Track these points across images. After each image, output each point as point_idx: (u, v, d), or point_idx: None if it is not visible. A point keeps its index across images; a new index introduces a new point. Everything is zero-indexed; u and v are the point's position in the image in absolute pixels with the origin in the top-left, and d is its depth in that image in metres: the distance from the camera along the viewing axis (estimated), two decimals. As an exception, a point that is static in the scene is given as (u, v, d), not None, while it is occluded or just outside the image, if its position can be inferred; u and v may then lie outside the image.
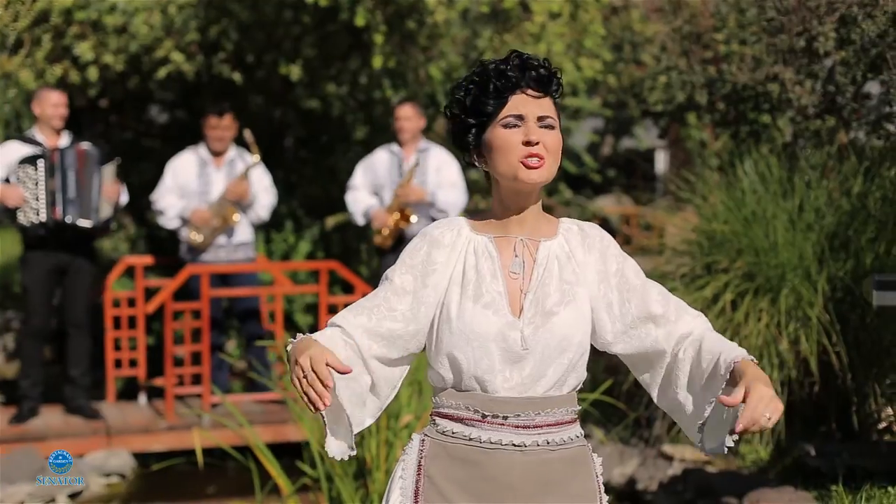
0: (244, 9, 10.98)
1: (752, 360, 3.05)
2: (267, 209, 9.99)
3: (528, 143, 3.08)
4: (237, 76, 11.29)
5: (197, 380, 9.77)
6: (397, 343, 3.19)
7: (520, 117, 3.11)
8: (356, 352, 3.17)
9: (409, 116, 9.76)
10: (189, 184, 9.81)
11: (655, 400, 3.29)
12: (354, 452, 3.21)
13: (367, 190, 9.87)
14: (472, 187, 12.59)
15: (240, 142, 10.13)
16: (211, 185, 9.81)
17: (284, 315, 10.45)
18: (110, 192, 9.19)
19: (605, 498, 3.27)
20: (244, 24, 11.21)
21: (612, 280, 3.21)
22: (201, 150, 9.91)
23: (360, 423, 3.20)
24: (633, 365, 3.33)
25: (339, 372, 2.97)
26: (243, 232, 9.92)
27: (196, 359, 9.77)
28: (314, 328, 9.64)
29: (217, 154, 9.87)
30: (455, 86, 3.25)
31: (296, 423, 8.13)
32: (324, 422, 3.13)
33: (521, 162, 3.09)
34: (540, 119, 3.11)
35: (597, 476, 3.25)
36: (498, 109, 3.12)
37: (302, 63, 11.57)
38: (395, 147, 9.85)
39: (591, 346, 3.27)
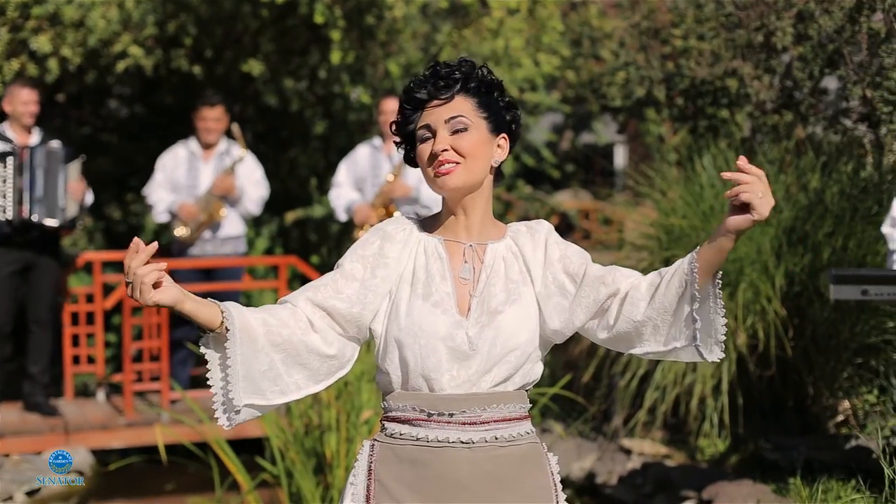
0: (203, 3, 10.93)
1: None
2: (256, 203, 9.93)
3: (432, 155, 3.13)
4: (197, 70, 11.25)
5: (157, 376, 9.74)
6: (338, 321, 3.18)
7: (428, 127, 3.16)
8: (295, 314, 3.17)
9: (394, 110, 9.77)
10: (178, 178, 9.78)
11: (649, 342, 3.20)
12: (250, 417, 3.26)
13: (350, 186, 9.85)
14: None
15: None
16: (199, 178, 9.77)
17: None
18: (76, 190, 9.13)
19: (563, 496, 3.27)
20: (203, 18, 11.17)
21: (558, 265, 3.21)
22: (191, 144, 9.88)
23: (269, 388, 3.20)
24: (614, 330, 3.22)
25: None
26: (232, 226, 9.87)
27: (157, 355, 9.72)
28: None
29: (207, 147, 9.83)
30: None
31: (256, 419, 8.11)
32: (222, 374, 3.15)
33: (433, 173, 3.14)
34: (448, 123, 3.14)
35: (552, 473, 3.25)
36: (416, 125, 3.20)
37: (261, 58, 11.53)
38: (376, 141, 9.84)
39: (570, 338, 3.28)
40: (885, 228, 6.66)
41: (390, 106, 9.68)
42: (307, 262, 11.10)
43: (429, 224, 3.28)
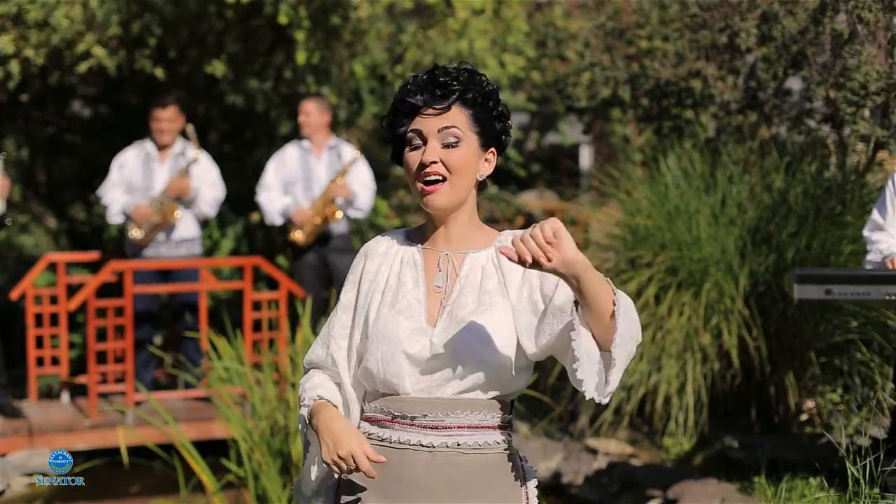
0: (167, 3, 10.89)
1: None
2: (211, 204, 9.89)
3: (421, 165, 3.09)
4: (159, 72, 11.20)
5: (122, 377, 9.69)
6: (351, 356, 3.26)
7: (419, 134, 3.11)
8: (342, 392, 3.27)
9: (311, 111, 9.76)
10: (133, 179, 9.73)
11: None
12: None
13: (279, 188, 9.83)
14: (398, 182, 12.61)
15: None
16: (154, 179, 9.72)
17: (209, 311, 10.38)
18: (2, 187, 9.03)
19: None
20: (167, 18, 11.12)
21: (535, 281, 3.15)
22: (147, 145, 9.83)
23: None
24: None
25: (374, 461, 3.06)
26: (186, 228, 9.82)
27: (122, 356, 9.68)
28: (238, 324, 9.60)
29: (162, 148, 9.78)
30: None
31: (221, 420, 8.09)
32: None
33: (421, 186, 3.11)
34: (442, 134, 3.10)
35: (526, 488, 3.22)
36: (406, 130, 3.14)
37: (226, 58, 11.50)
38: (304, 142, 9.83)
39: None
40: (865, 232, 6.69)
41: (308, 107, 9.69)
42: (272, 262, 11.07)
43: (413, 234, 3.28)
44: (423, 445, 3.11)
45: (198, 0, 10.97)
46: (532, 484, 3.23)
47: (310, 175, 9.70)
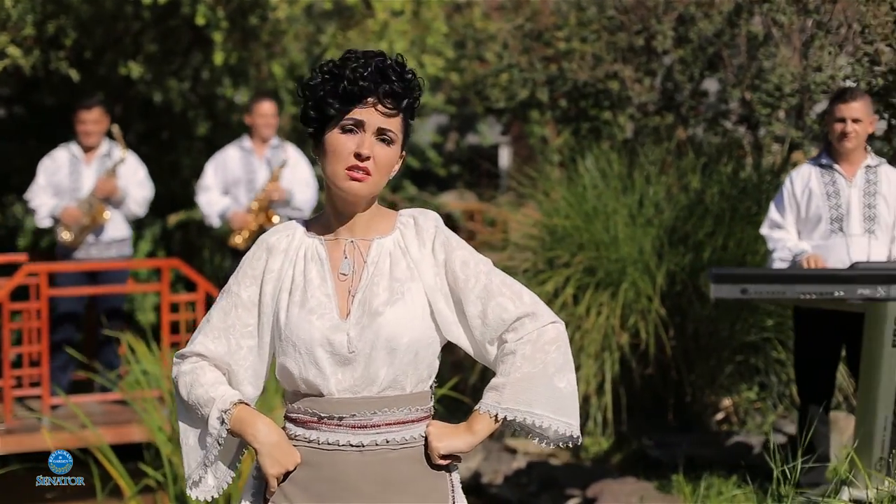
0: (83, 3, 10.78)
1: (488, 413, 3.11)
2: (140, 204, 9.78)
3: (357, 156, 3.05)
4: (75, 73, 11.09)
5: (37, 381, 9.57)
6: (259, 355, 3.20)
7: (360, 123, 3.06)
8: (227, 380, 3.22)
9: (273, 113, 9.71)
10: (60, 181, 9.61)
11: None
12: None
13: (218, 189, 9.76)
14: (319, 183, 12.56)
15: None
16: (82, 181, 9.60)
17: (127, 314, 10.29)
18: None
19: (462, 498, 3.26)
20: (83, 19, 11.02)
21: (442, 269, 3.16)
22: (73, 147, 9.71)
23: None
24: None
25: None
26: (116, 229, 9.71)
27: (37, 360, 9.55)
28: (157, 327, 9.52)
29: (88, 149, 9.68)
30: (314, 68, 3.16)
31: (139, 424, 8.03)
32: (207, 463, 3.17)
33: (347, 171, 3.06)
34: (379, 132, 3.07)
35: (450, 477, 3.24)
36: (341, 114, 3.07)
37: (143, 58, 11.41)
38: (245, 143, 9.75)
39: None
40: (764, 230, 6.79)
41: (269, 108, 9.63)
42: (190, 264, 10.99)
43: (312, 225, 3.22)
44: (352, 445, 3.08)
45: (114, 0, 10.87)
46: (456, 473, 3.25)
47: (253, 176, 9.63)
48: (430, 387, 3.21)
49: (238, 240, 9.55)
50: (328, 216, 3.19)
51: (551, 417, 3.11)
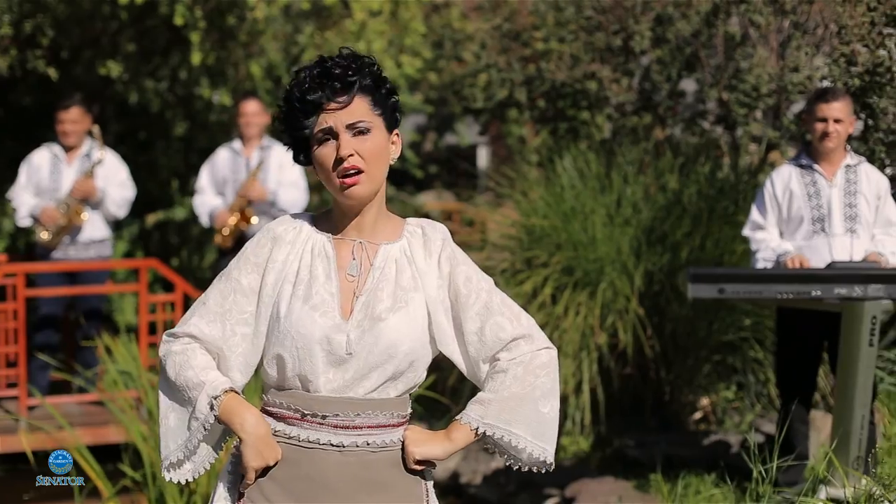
0: (60, 3, 10.75)
1: (469, 424, 3.15)
2: (119, 205, 9.73)
3: (338, 161, 3.06)
4: (52, 72, 11.06)
5: (14, 382, 9.53)
6: (253, 343, 3.17)
7: (329, 131, 3.07)
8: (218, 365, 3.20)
9: (255, 112, 9.68)
10: (42, 181, 9.58)
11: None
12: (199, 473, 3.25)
13: (212, 190, 9.75)
14: (312, 186, 12.55)
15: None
16: (62, 181, 9.56)
17: (104, 314, 10.26)
18: None
19: (435, 501, 3.26)
20: (60, 18, 10.99)
21: (446, 283, 3.17)
22: (55, 147, 9.67)
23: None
24: None
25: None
26: (95, 229, 9.66)
27: (14, 361, 9.52)
28: (134, 328, 9.50)
29: (69, 150, 9.64)
30: (280, 106, 3.18)
31: (116, 425, 8.01)
32: (192, 448, 3.15)
33: (339, 180, 3.06)
34: (350, 127, 3.07)
35: (425, 482, 3.23)
36: (312, 128, 3.09)
37: (120, 58, 11.38)
38: (236, 144, 9.74)
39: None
40: (746, 231, 6.81)
41: (251, 108, 9.61)
42: (168, 265, 10.98)
43: (320, 221, 3.21)
44: (333, 445, 3.08)
45: (91, 0, 10.84)
46: (430, 480, 3.26)
47: (238, 177, 9.62)
48: (410, 394, 3.23)
49: (219, 238, 9.55)
50: (336, 215, 3.19)
51: (529, 440, 3.14)
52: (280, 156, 9.66)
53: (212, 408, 3.08)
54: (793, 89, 7.91)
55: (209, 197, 9.72)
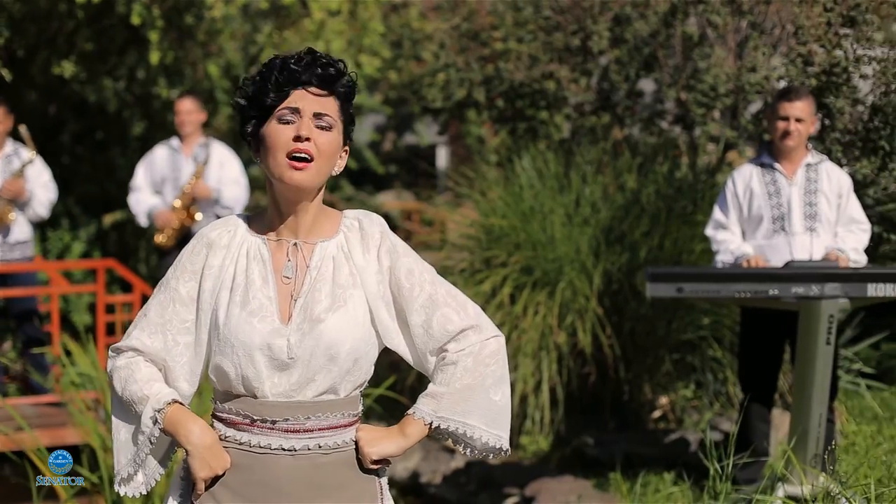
0: (16, 1, 10.68)
1: (422, 419, 3.14)
2: (45, 206, 9.68)
3: (297, 139, 3.02)
4: (6, 72, 10.98)
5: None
6: (196, 352, 3.15)
7: (296, 111, 3.04)
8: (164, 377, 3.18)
9: (189, 110, 9.64)
10: None
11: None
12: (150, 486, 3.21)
13: (149, 189, 9.70)
14: (253, 184, 12.51)
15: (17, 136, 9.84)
16: None
17: (61, 315, 10.20)
18: None
19: (389, 498, 3.26)
20: (15, 17, 10.91)
21: (386, 277, 3.15)
22: None
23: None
24: None
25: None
26: (20, 230, 9.60)
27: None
28: (92, 329, 9.44)
29: None
30: (247, 77, 3.16)
31: (74, 426, 7.96)
32: (139, 461, 3.14)
33: (288, 160, 3.03)
34: (317, 116, 3.05)
35: (379, 480, 3.22)
36: (277, 103, 3.05)
37: (77, 57, 11.31)
38: (174, 142, 9.70)
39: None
40: (709, 231, 6.83)
41: (186, 105, 9.58)
42: (126, 265, 10.92)
43: (255, 222, 3.18)
44: (284, 449, 3.06)
45: (48, -1, 10.79)
46: (385, 478, 3.25)
47: (178, 175, 9.58)
48: (361, 393, 3.21)
49: (162, 238, 9.50)
50: (271, 215, 3.15)
51: (483, 429, 3.14)
52: (220, 154, 9.65)
53: (155, 422, 3.06)
54: (750, 89, 7.94)
55: (145, 195, 9.68)
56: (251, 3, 11.67)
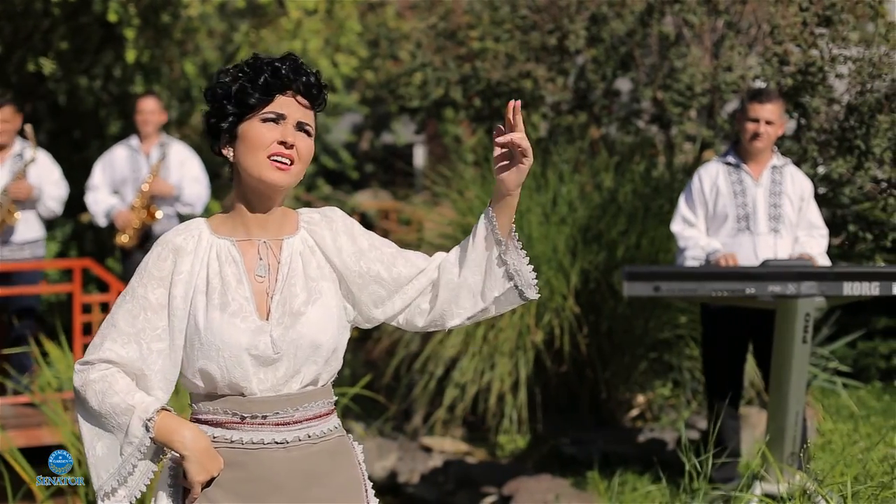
0: (-10, 0, 10.66)
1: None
2: (57, 201, 9.62)
3: (283, 143, 3.07)
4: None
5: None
6: (171, 358, 3.14)
7: (281, 116, 3.09)
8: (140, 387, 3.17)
9: (152, 110, 9.63)
10: None
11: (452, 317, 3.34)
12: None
13: (107, 188, 9.68)
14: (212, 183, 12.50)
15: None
16: None
17: (38, 315, 10.15)
18: None
19: (370, 484, 3.29)
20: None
21: (371, 254, 3.24)
22: None
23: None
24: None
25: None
26: (30, 229, 9.54)
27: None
28: (68, 329, 9.40)
29: (0, 149, 9.52)
30: (222, 70, 3.20)
31: (50, 427, 7.93)
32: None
33: (271, 160, 3.08)
34: (300, 125, 3.11)
35: (359, 463, 3.28)
36: (261, 104, 3.09)
37: (53, 56, 11.27)
38: (133, 142, 9.69)
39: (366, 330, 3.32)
40: (676, 227, 6.85)
41: (148, 105, 9.58)
42: (102, 265, 10.88)
43: (218, 225, 3.19)
44: (277, 443, 3.09)
45: (24, -4, 10.76)
46: (362, 458, 3.32)
47: (138, 175, 9.56)
48: (333, 384, 3.28)
49: (123, 238, 9.48)
50: (238, 216, 3.18)
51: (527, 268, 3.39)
52: (180, 153, 9.65)
53: (147, 430, 3.04)
54: (726, 88, 7.96)
55: (103, 195, 9.66)
56: (228, 2, 11.65)
